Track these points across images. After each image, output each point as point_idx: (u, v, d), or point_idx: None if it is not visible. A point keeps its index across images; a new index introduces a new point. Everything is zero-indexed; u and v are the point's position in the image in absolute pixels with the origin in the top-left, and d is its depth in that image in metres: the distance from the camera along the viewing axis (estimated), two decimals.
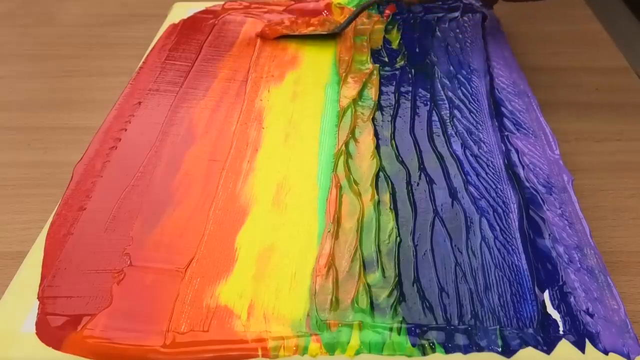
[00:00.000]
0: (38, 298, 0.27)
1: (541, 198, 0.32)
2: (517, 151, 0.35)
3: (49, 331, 0.26)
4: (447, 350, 0.25)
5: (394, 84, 0.42)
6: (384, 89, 0.41)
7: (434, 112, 0.39)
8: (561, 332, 0.25)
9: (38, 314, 0.26)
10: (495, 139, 0.36)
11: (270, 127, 0.38)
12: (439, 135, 0.37)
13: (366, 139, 0.36)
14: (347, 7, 0.50)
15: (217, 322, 0.26)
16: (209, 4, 0.52)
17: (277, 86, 0.42)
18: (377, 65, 0.43)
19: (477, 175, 0.34)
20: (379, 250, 0.29)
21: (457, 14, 0.50)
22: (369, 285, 0.27)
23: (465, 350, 0.25)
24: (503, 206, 0.32)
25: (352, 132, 0.37)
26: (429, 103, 0.40)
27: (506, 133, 0.37)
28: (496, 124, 0.37)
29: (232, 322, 0.26)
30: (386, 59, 0.44)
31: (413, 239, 0.30)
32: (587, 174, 0.37)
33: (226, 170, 0.34)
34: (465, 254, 0.29)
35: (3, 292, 0.28)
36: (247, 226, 0.31)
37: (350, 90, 0.41)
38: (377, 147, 0.36)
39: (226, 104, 0.40)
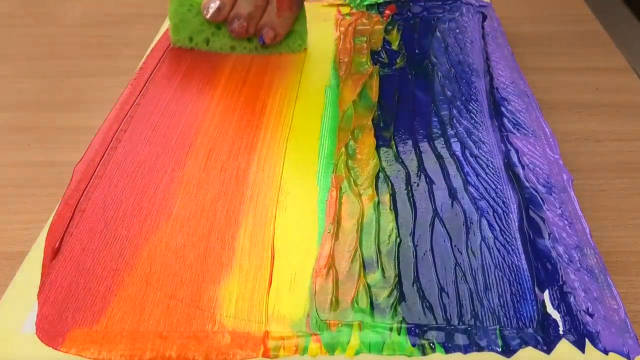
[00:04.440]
0: (38, 298, 0.27)
1: (541, 198, 0.32)
2: (517, 151, 0.35)
3: (49, 331, 0.26)
4: (447, 350, 0.25)
5: (394, 84, 0.42)
6: (384, 89, 0.41)
7: (433, 112, 0.39)
8: (561, 332, 0.25)
9: (38, 314, 0.26)
10: (495, 139, 0.36)
11: (270, 128, 0.38)
12: (438, 136, 0.37)
13: (366, 140, 0.36)
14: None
15: (218, 322, 0.26)
16: None
17: None
18: (377, 66, 0.43)
19: (477, 175, 0.34)
20: (379, 251, 0.29)
21: (457, 14, 0.50)
22: (369, 286, 0.27)
23: (465, 350, 0.25)
24: (503, 206, 0.32)
25: (352, 133, 0.37)
26: (428, 103, 0.40)
27: (506, 133, 0.37)
28: (496, 124, 0.37)
29: (233, 322, 0.26)
30: (386, 60, 0.44)
31: (413, 239, 0.30)
32: (587, 174, 0.37)
33: (226, 171, 0.34)
34: (465, 254, 0.29)
35: (3, 292, 0.28)
36: (247, 226, 0.31)
37: (350, 91, 0.41)
38: (377, 147, 0.36)
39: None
